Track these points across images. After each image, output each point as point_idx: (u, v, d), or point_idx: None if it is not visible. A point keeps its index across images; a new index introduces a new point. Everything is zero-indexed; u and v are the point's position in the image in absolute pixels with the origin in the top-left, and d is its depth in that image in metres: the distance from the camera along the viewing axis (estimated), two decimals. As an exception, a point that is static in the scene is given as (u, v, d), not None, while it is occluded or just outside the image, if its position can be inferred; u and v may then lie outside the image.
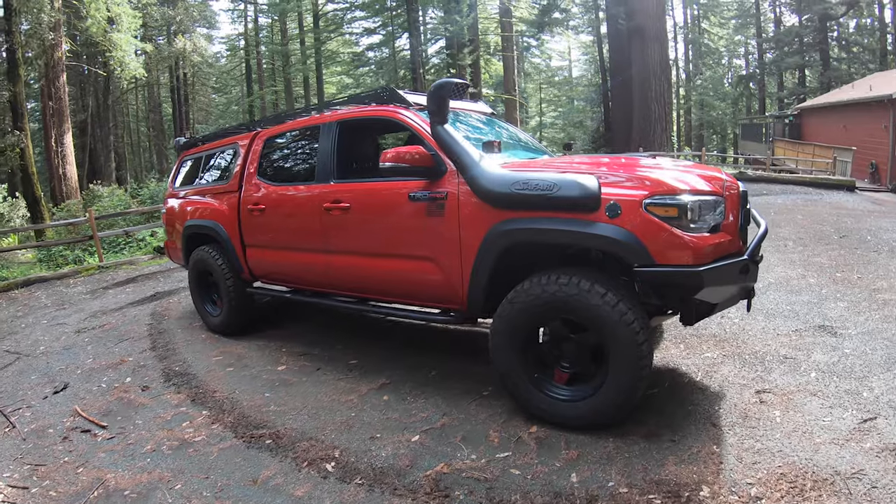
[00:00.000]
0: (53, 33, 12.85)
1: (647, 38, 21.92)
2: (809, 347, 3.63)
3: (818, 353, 3.52)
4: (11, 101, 12.28)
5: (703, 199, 2.61)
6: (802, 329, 3.98)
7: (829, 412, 2.79)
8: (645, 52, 22.04)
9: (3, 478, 3.04)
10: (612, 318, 2.53)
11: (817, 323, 4.07)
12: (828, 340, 3.72)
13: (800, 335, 3.87)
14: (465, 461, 2.67)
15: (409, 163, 3.10)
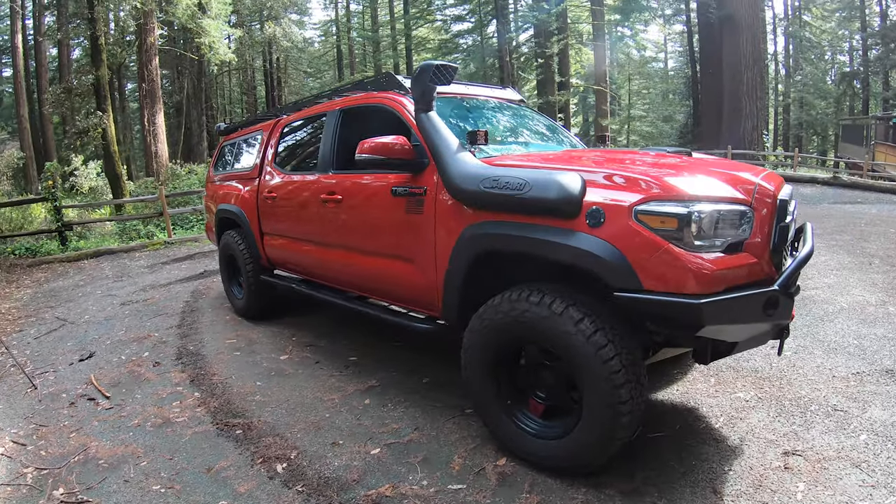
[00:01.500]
0: (144, 19, 13.77)
1: (738, 28, 20.21)
2: (868, 399, 2.96)
3: (877, 407, 2.86)
4: (94, 85, 13.23)
5: (719, 208, 2.02)
6: (866, 373, 3.28)
7: (869, 494, 2.17)
8: (736, 42, 20.35)
9: (10, 433, 3.28)
10: (586, 350, 2.08)
11: (886, 366, 3.34)
12: (893, 390, 3.03)
13: (860, 380, 3.20)
14: (412, 486, 2.42)
15: (385, 154, 2.78)
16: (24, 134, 23.05)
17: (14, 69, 23.71)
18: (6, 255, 9.87)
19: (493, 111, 3.67)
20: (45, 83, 24.21)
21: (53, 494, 2.60)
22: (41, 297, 7.06)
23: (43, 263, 9.47)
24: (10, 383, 4.06)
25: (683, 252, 1.94)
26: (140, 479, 2.67)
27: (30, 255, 9.97)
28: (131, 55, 16.12)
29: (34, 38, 24.35)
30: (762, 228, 2.13)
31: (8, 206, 11.40)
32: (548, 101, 24.17)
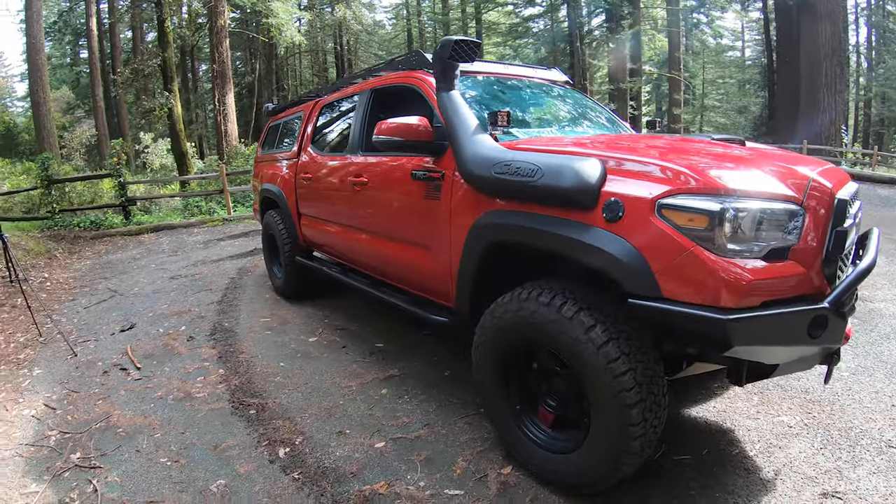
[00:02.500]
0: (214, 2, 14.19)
1: (817, 15, 18.68)
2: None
3: None
4: (161, 66, 13.75)
5: (761, 206, 1.72)
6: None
7: None
8: (814, 30, 18.82)
9: (44, 396, 3.48)
10: (595, 362, 1.85)
11: None
12: None
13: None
14: (408, 486, 2.32)
15: (403, 136, 2.64)
16: (99, 113, 24.50)
17: (89, 51, 25.21)
18: (72, 228, 10.45)
19: (531, 92, 3.46)
20: (119, 64, 25.56)
21: (70, 458, 2.72)
22: (98, 269, 7.44)
23: (105, 236, 9.99)
24: (54, 349, 4.28)
25: (713, 257, 1.67)
26: (150, 451, 2.75)
27: (94, 228, 10.54)
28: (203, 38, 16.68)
29: (108, 21, 25.68)
30: (814, 233, 1.81)
31: (78, 181, 12.08)
32: (618, 88, 23.47)
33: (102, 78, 25.26)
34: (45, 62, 16.54)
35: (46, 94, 16.29)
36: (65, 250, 8.85)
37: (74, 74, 35.73)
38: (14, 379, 3.75)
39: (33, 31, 15.39)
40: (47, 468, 2.65)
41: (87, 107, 30.93)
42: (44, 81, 15.94)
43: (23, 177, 17.86)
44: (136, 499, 2.38)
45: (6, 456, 2.78)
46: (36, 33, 15.43)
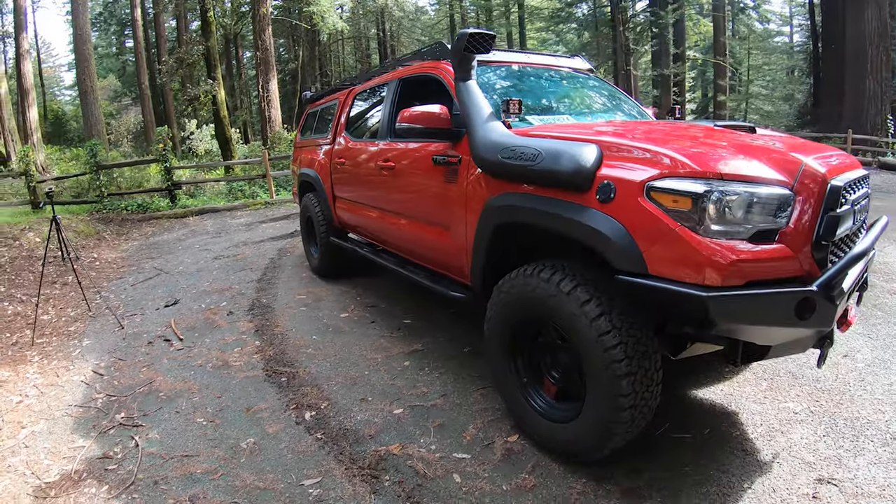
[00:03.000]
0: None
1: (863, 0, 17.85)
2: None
3: None
4: (205, 55, 14.25)
5: (747, 189, 1.79)
6: None
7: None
8: (860, 15, 17.97)
9: (93, 364, 3.82)
10: (588, 334, 1.99)
11: None
12: None
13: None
14: (420, 449, 2.51)
15: (422, 123, 2.82)
16: (146, 100, 25.39)
17: (135, 40, 26.10)
18: (120, 211, 10.99)
19: (551, 80, 3.58)
20: (164, 53, 26.40)
21: (115, 417, 3.02)
22: (144, 249, 7.87)
23: (152, 219, 10.48)
24: (103, 323, 4.63)
25: (696, 237, 1.77)
26: (188, 412, 3.03)
27: (141, 210, 11.06)
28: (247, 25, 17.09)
29: (153, 10, 26.49)
30: (804, 217, 1.86)
31: (126, 167, 12.66)
32: (662, 74, 23.00)
33: (148, 66, 26.16)
34: (92, 52, 17.24)
35: (93, 83, 17.02)
36: (113, 232, 9.36)
37: (121, 63, 37.04)
38: (65, 349, 4.10)
39: (79, 23, 16.08)
40: (94, 426, 2.95)
41: (134, 94, 32.10)
42: (91, 71, 16.67)
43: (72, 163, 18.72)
44: (173, 453, 2.64)
45: (57, 416, 3.09)
46: (82, 24, 16.12)
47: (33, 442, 2.82)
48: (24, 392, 3.39)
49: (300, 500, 2.23)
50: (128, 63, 36.05)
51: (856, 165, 2.36)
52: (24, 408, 3.20)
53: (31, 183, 10.87)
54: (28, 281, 6.16)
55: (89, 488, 2.42)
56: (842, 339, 3.60)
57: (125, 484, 2.41)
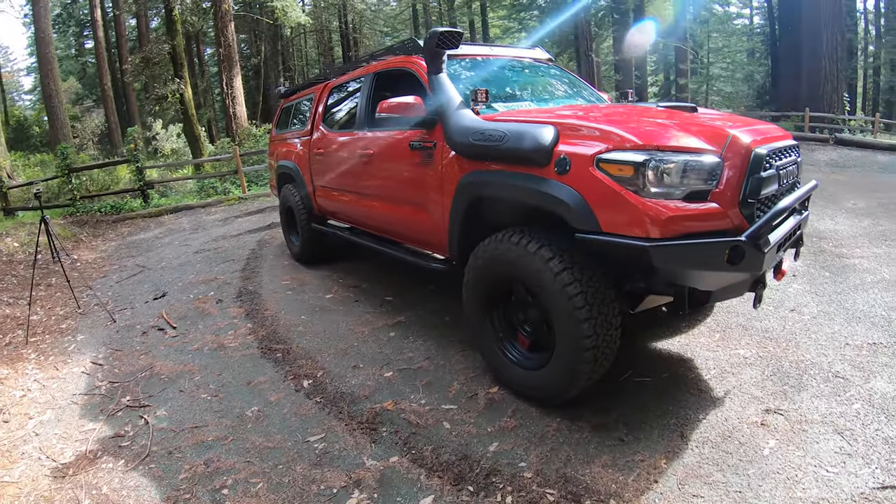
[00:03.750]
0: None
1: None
2: (876, 370, 2.85)
3: (883, 379, 2.76)
4: (171, 54, 14.14)
5: (682, 158, 2.10)
6: (883, 344, 3.14)
7: (843, 462, 2.17)
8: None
9: (90, 356, 3.96)
10: (553, 286, 2.31)
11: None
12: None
13: (874, 351, 3.06)
14: (412, 404, 2.79)
15: (400, 112, 3.10)
16: (108, 102, 24.85)
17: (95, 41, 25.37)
18: (93, 213, 10.89)
19: (514, 71, 3.89)
20: (125, 53, 25.88)
21: (121, 401, 3.19)
22: (123, 249, 7.90)
23: (127, 219, 10.42)
24: (94, 318, 4.75)
25: (639, 198, 2.09)
26: (192, 390, 3.23)
27: (114, 212, 10.95)
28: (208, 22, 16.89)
29: (113, 10, 25.90)
30: (732, 180, 2.16)
31: (95, 169, 12.53)
32: (623, 59, 23.36)
33: (109, 67, 25.60)
34: (55, 55, 16.94)
35: (58, 86, 16.73)
36: (89, 234, 9.33)
37: (80, 65, 36.07)
38: (60, 345, 4.21)
39: (41, 26, 15.77)
40: (101, 410, 3.11)
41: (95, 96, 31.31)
42: (54, 74, 16.37)
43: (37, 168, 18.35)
44: (183, 426, 2.84)
45: (63, 405, 3.23)
46: (44, 27, 15.81)
47: (43, 430, 2.95)
48: (25, 387, 3.51)
49: (307, 454, 2.48)
50: (87, 65, 35.15)
51: (785, 137, 2.70)
52: (28, 401, 3.32)
53: (1, 189, 10.73)
54: (12, 284, 6.19)
55: (106, 464, 2.59)
56: (790, 296, 3.99)
57: (140, 456, 2.60)
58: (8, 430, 2.96)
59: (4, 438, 2.87)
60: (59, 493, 2.40)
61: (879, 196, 8.12)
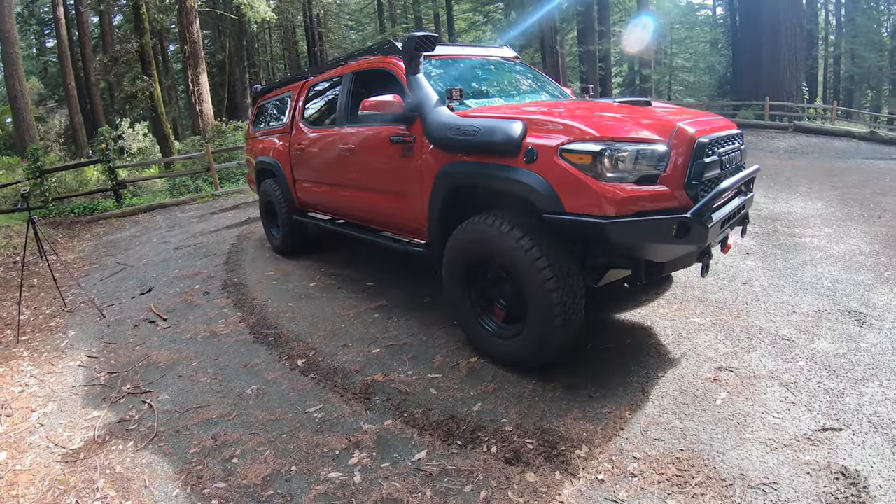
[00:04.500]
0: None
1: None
2: (820, 332, 3.19)
3: (825, 340, 3.09)
4: (139, 52, 14.03)
5: (633, 147, 2.42)
6: (827, 311, 3.49)
7: (787, 409, 2.46)
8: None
9: (84, 350, 4.08)
10: (524, 261, 2.60)
11: (851, 307, 3.53)
12: (848, 329, 3.23)
13: (819, 317, 3.41)
14: (400, 375, 3.06)
15: (381, 110, 3.37)
16: (73, 101, 24.09)
17: (58, 39, 24.58)
18: (66, 214, 10.82)
19: (484, 69, 4.18)
20: (89, 51, 25.24)
21: (122, 389, 3.34)
22: (102, 248, 7.91)
23: (101, 219, 10.37)
24: (82, 315, 4.85)
25: (596, 182, 2.40)
26: (191, 375, 3.41)
27: (88, 212, 10.89)
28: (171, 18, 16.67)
29: (75, 8, 25.20)
30: (678, 164, 2.48)
31: (66, 170, 12.38)
32: (588, 51, 23.77)
33: (73, 66, 24.97)
34: (19, 55, 16.45)
35: (23, 86, 16.30)
36: (64, 235, 9.27)
37: (41, 64, 35.01)
38: (52, 342, 4.30)
39: (6, 25, 15.30)
40: (103, 399, 3.25)
41: (58, 96, 30.48)
42: (19, 74, 15.92)
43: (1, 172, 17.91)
44: (186, 407, 3.02)
45: (64, 397, 3.35)
46: (9, 27, 15.34)
47: (47, 421, 3.06)
48: (23, 382, 3.61)
49: (308, 423, 2.72)
50: (49, 64, 34.15)
51: (728, 127, 3.05)
52: (27, 395, 3.42)
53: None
54: (-8, 286, 6.23)
55: (116, 446, 2.74)
56: (743, 272, 4.35)
57: (149, 437, 2.77)
58: (12, 424, 3.07)
59: (10, 431, 2.98)
60: (73, 475, 2.53)
61: (834, 180, 8.63)
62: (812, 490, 1.99)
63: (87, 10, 22.94)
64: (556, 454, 2.29)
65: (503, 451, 2.35)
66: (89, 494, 2.40)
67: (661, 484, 2.08)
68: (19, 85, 15.73)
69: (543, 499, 2.07)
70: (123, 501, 2.33)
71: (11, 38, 15.26)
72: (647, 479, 2.11)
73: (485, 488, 2.14)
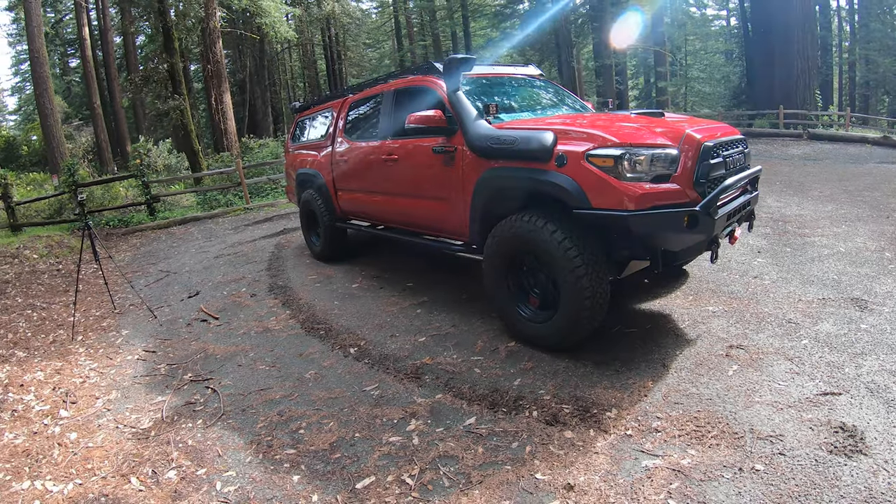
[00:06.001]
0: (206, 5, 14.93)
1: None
2: (823, 316, 3.50)
3: (828, 323, 3.40)
4: (169, 71, 14.60)
5: (647, 152, 2.81)
6: (831, 299, 3.79)
7: (792, 378, 2.77)
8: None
9: (141, 346, 4.41)
10: (557, 252, 2.99)
11: (854, 295, 3.81)
12: (849, 313, 3.53)
13: (823, 304, 3.71)
14: (446, 358, 3.41)
15: (426, 123, 3.80)
16: (98, 120, 24.86)
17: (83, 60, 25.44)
18: (101, 227, 11.31)
19: (511, 86, 4.60)
20: (114, 71, 26.17)
21: (183, 378, 3.67)
22: (140, 258, 8.34)
23: (136, 231, 10.85)
24: (133, 316, 5.21)
25: (618, 181, 2.81)
26: (250, 364, 3.75)
27: (123, 225, 11.38)
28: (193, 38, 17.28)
29: (100, 28, 26.11)
30: (687, 166, 2.89)
31: (100, 185, 12.94)
32: (603, 65, 24.17)
33: (98, 85, 25.84)
34: (49, 74, 17.13)
35: (53, 104, 16.96)
36: (102, 246, 9.72)
37: (66, 84, 36.17)
38: (106, 339, 4.63)
39: (35, 45, 16.03)
40: (166, 386, 3.57)
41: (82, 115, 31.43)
42: (50, 93, 16.60)
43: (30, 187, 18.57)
44: (249, 390, 3.35)
45: (125, 386, 3.66)
46: (38, 47, 16.04)
47: (113, 406, 3.35)
48: (83, 374, 3.90)
49: (366, 399, 3.07)
50: (73, 83, 35.29)
51: (732, 133, 3.45)
52: (90, 385, 3.72)
53: (10, 205, 11.11)
54: (39, 291, 6.65)
55: (185, 424, 3.04)
56: (754, 267, 4.66)
57: (216, 416, 3.08)
58: (78, 410, 3.34)
59: (77, 416, 3.26)
60: (147, 450, 2.80)
61: (846, 184, 8.83)
62: (813, 441, 2.30)
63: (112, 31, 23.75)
64: (589, 416, 2.64)
65: (543, 415, 2.69)
66: (164, 464, 2.66)
67: (681, 437, 2.41)
68: (49, 103, 16.39)
69: (581, 450, 2.41)
70: (198, 468, 2.61)
71: (41, 57, 15.94)
72: (669, 434, 2.44)
73: (529, 444, 2.48)
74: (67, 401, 3.47)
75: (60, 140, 17.37)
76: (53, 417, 3.28)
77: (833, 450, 2.23)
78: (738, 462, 2.20)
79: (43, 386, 3.75)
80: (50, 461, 2.80)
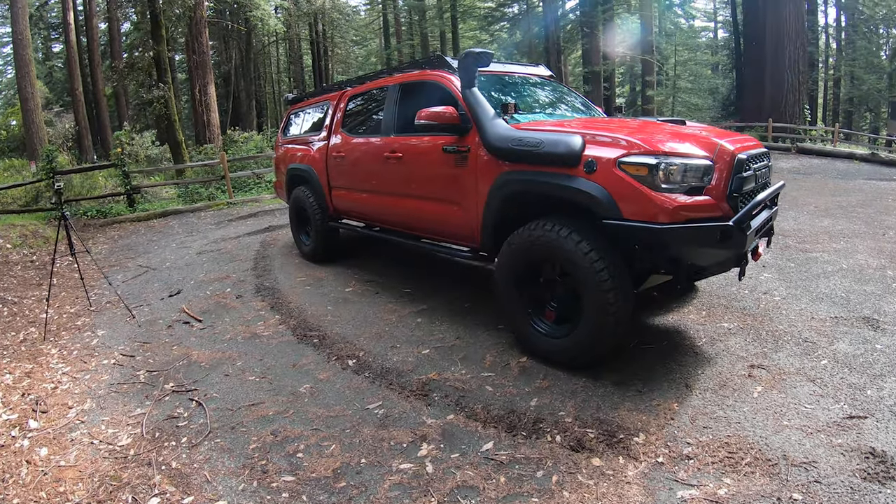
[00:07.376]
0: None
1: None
2: (838, 336, 3.42)
3: (844, 342, 3.33)
4: (156, 59, 14.24)
5: (683, 161, 2.63)
6: (843, 317, 3.72)
7: (817, 401, 2.68)
8: (779, 14, 19.87)
9: (118, 349, 4.06)
10: (583, 263, 2.78)
11: (864, 314, 3.76)
12: (864, 332, 3.47)
13: (836, 322, 3.64)
14: (454, 374, 3.18)
15: (437, 120, 3.56)
16: (79, 107, 24.06)
17: (67, 45, 24.69)
18: (78, 217, 10.86)
19: (525, 86, 4.38)
20: (97, 58, 25.43)
21: (165, 387, 3.33)
22: (118, 251, 7.95)
23: (114, 223, 10.44)
24: (110, 315, 4.85)
25: (652, 192, 2.61)
26: (237, 374, 3.44)
27: (101, 216, 10.96)
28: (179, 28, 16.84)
29: (85, 14, 25.35)
30: (721, 178, 2.70)
31: (79, 173, 12.46)
32: (592, 71, 24.16)
33: (80, 72, 25.09)
34: (32, 57, 16.55)
35: (34, 89, 16.36)
36: (78, 238, 9.30)
37: (47, 69, 35.13)
38: (81, 340, 4.26)
39: (19, 27, 15.45)
40: (146, 396, 3.21)
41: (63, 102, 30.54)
42: (31, 77, 16.00)
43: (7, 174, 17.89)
44: (238, 404, 3.03)
45: (101, 394, 3.29)
46: (22, 29, 15.47)
47: (87, 417, 3.00)
48: (55, 379, 3.54)
49: (370, 418, 2.82)
50: (55, 69, 34.27)
51: (758, 146, 3.29)
52: (62, 392, 3.36)
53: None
54: (12, 284, 6.25)
55: (168, 442, 2.69)
56: (762, 283, 4.54)
57: (203, 433, 2.74)
58: (49, 420, 3.01)
59: (47, 427, 2.93)
60: (126, 471, 2.48)
61: (838, 199, 8.86)
62: (846, 467, 2.20)
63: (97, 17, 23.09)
64: (616, 441, 2.44)
65: (566, 439, 2.49)
66: (146, 490, 2.34)
67: (714, 465, 2.26)
68: (30, 87, 15.80)
69: (612, 480, 2.21)
70: (184, 496, 2.28)
71: (24, 40, 15.37)
72: (701, 461, 2.29)
73: (555, 473, 2.28)
74: (38, 409, 3.14)
75: (40, 126, 16.76)
76: (21, 429, 2.94)
77: (867, 476, 2.13)
78: (776, 491, 2.08)
79: (11, 391, 3.40)
80: (17, 481, 2.48)
